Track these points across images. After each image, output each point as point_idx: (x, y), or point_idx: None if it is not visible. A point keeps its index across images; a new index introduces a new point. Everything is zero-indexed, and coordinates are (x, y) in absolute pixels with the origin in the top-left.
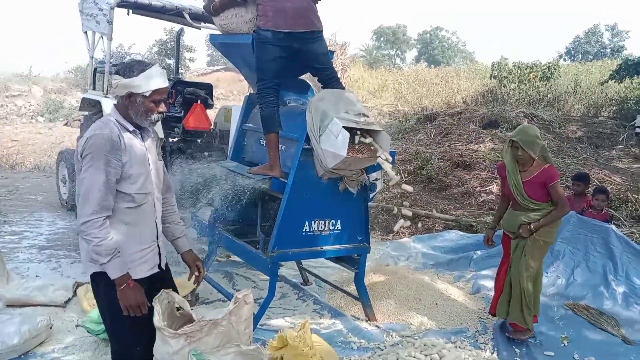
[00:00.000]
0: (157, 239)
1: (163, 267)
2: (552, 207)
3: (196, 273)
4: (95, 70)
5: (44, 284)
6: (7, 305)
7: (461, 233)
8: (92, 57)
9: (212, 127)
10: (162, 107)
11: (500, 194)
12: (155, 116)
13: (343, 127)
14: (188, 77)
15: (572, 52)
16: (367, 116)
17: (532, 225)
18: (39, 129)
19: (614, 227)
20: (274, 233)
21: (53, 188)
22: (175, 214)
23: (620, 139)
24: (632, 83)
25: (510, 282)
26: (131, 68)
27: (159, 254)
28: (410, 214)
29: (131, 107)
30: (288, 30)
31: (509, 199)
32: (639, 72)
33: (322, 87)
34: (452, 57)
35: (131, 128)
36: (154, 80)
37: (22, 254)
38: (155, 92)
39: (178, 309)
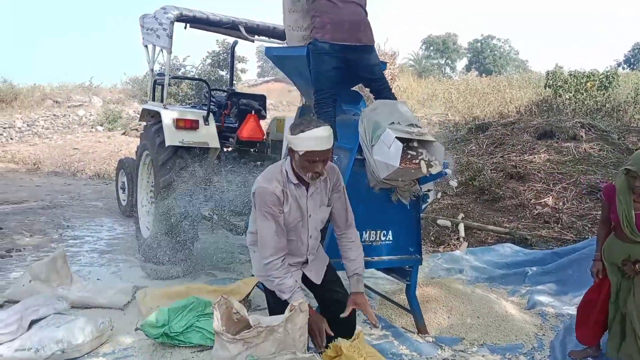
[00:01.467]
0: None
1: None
2: None
3: (346, 313)
4: (154, 83)
5: (105, 287)
6: (72, 307)
7: (516, 247)
8: (152, 70)
9: (264, 137)
10: (319, 168)
11: (601, 218)
12: (309, 175)
13: (396, 137)
14: (240, 88)
15: (632, 59)
16: (420, 127)
17: (638, 265)
18: (99, 137)
19: None
20: (326, 242)
21: (112, 195)
22: (351, 250)
23: None
24: None
25: (621, 319)
26: (297, 125)
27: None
28: (462, 234)
29: (293, 160)
30: (345, 43)
31: (612, 225)
32: None
33: (374, 98)
34: (504, 66)
35: (295, 181)
36: (310, 142)
37: (84, 257)
38: (309, 152)
39: (235, 314)
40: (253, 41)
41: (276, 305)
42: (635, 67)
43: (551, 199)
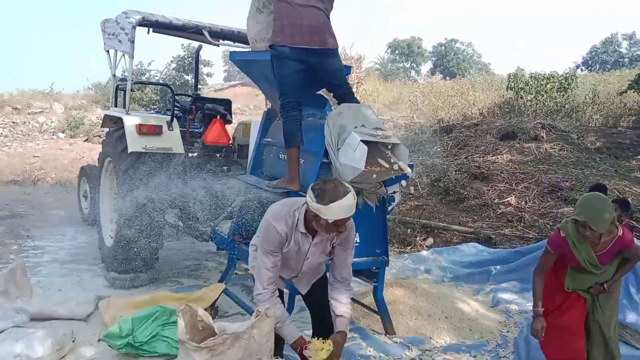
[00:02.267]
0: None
1: None
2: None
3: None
4: (117, 88)
5: (66, 298)
6: (31, 319)
7: (480, 247)
8: (114, 75)
9: (231, 142)
10: (343, 229)
11: (541, 267)
12: (333, 234)
13: (361, 140)
14: (206, 92)
15: (589, 62)
16: (385, 130)
17: (606, 285)
18: (60, 145)
19: (635, 238)
20: None
21: (75, 203)
22: (342, 294)
23: None
24: None
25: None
26: (324, 194)
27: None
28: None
29: (316, 223)
30: (305, 46)
31: (562, 268)
32: None
33: (337, 103)
34: (467, 69)
35: (303, 230)
36: (340, 212)
37: (45, 268)
38: (339, 220)
39: (200, 321)
40: (218, 45)
41: None
42: (592, 69)
43: (514, 198)
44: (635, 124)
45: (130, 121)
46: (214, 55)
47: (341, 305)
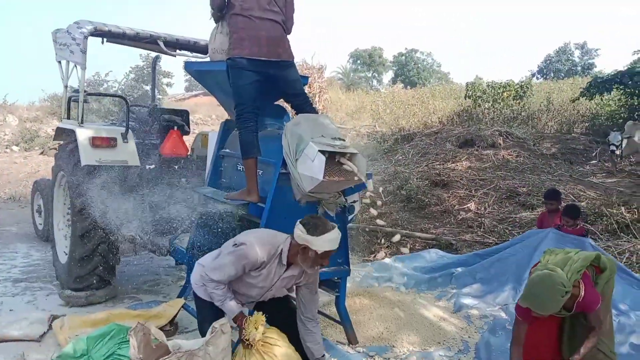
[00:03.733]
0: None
1: None
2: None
3: None
4: (69, 100)
5: (18, 318)
6: None
7: (441, 252)
8: (66, 87)
9: (189, 153)
10: (326, 262)
11: (515, 339)
12: (318, 267)
13: (319, 150)
14: (166, 102)
15: (544, 70)
16: (343, 139)
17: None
18: (14, 158)
19: (590, 240)
20: None
21: (28, 219)
22: (314, 335)
23: (594, 154)
24: (602, 100)
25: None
26: (315, 227)
27: None
28: (398, 238)
29: (302, 255)
30: (263, 58)
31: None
32: (608, 89)
33: (295, 113)
34: (427, 78)
35: (285, 263)
36: (330, 244)
37: None
38: (327, 252)
39: (154, 340)
40: (174, 55)
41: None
42: (547, 77)
43: (473, 204)
44: (588, 130)
45: (84, 134)
46: (176, 66)
47: (318, 346)
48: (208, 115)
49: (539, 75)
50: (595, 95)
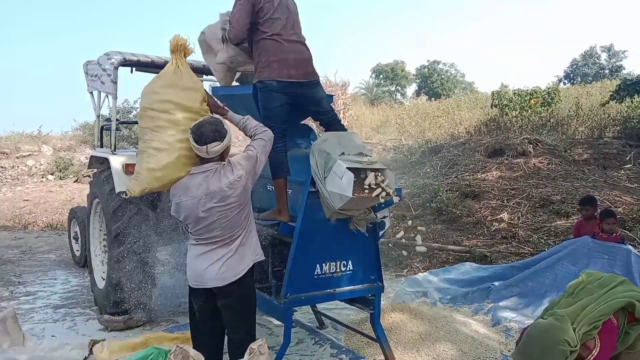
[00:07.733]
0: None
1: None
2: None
3: None
4: (102, 128)
5: (60, 344)
6: None
7: (475, 265)
8: (98, 116)
9: None
10: None
11: None
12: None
13: (347, 167)
14: None
15: (571, 75)
16: (370, 155)
17: None
18: (50, 187)
19: (631, 247)
20: (286, 278)
21: (66, 246)
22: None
23: (628, 158)
24: (632, 102)
25: None
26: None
27: None
28: (424, 249)
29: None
30: (292, 79)
31: None
32: (639, 90)
33: (324, 130)
34: (452, 89)
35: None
36: None
37: (37, 314)
38: None
39: None
40: (202, 81)
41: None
42: (574, 82)
43: (506, 214)
44: (620, 133)
45: (117, 161)
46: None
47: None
48: (235, 136)
49: (565, 81)
50: (625, 98)
